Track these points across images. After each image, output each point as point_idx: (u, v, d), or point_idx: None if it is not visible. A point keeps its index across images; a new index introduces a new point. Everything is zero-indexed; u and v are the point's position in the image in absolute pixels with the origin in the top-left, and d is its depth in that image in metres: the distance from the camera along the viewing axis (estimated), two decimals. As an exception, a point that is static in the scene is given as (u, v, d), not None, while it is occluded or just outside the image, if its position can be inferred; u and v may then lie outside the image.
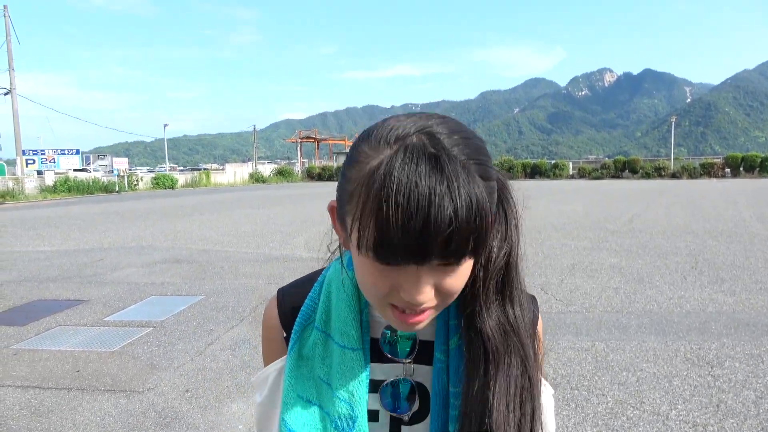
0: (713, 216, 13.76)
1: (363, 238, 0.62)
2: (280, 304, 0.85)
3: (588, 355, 4.32)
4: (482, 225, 0.61)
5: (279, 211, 17.85)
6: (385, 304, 0.67)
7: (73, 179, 33.87)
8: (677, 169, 41.66)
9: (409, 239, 0.59)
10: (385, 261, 0.62)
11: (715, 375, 3.87)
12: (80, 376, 4.14)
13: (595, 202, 19.26)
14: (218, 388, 3.88)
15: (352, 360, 0.76)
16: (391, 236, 0.59)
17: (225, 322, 5.42)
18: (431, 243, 0.59)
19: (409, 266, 0.62)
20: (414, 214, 0.58)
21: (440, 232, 0.58)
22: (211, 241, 10.97)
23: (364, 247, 0.62)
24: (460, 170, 0.60)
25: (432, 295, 0.65)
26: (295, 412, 0.76)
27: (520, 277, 0.75)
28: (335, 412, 0.75)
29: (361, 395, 0.76)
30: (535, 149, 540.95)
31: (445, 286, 0.65)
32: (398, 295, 0.65)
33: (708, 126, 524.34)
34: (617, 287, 6.51)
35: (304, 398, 0.77)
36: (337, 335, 0.77)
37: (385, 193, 0.59)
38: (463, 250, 0.61)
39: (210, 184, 43.22)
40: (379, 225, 0.59)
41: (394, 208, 0.58)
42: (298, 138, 60.92)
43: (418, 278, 0.63)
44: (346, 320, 0.77)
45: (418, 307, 0.64)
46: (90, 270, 8.24)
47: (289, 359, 0.79)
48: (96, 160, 66.25)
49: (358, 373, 0.76)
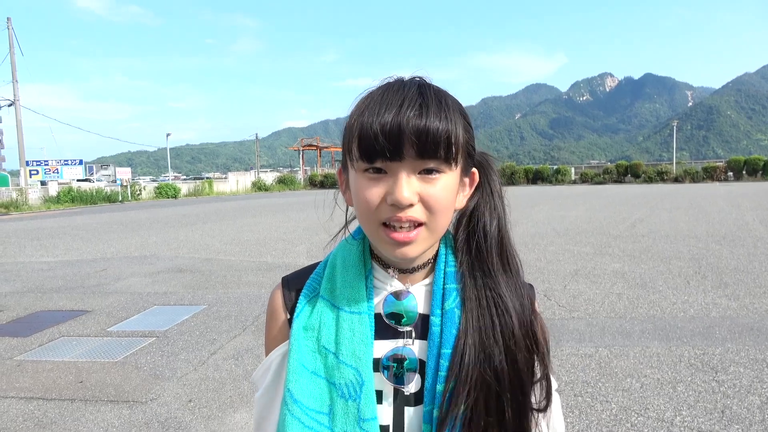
0: (716, 220, 13.73)
1: (352, 146, 0.74)
2: (285, 288, 0.89)
3: (592, 362, 4.30)
4: (455, 135, 0.73)
5: (281, 219, 17.87)
6: (378, 224, 0.75)
7: (77, 189, 33.97)
8: (680, 173, 41.58)
9: (383, 131, 0.70)
10: (368, 157, 0.72)
11: (719, 380, 3.85)
12: (83, 386, 4.14)
13: (597, 207, 19.22)
14: (221, 398, 3.87)
15: (358, 324, 0.79)
16: (370, 130, 0.71)
17: (228, 331, 5.42)
18: (404, 135, 0.70)
19: (391, 166, 0.72)
20: (388, 110, 0.71)
21: (412, 125, 0.70)
22: (214, 250, 10.98)
23: (355, 157, 0.74)
24: (435, 90, 0.75)
25: (415, 199, 0.73)
26: (301, 384, 0.78)
27: (512, 243, 0.86)
28: (341, 380, 0.77)
29: (367, 358, 0.78)
30: (537, 155, 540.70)
31: (426, 193, 0.73)
32: (388, 207, 0.73)
33: (710, 130, 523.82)
34: (620, 293, 6.49)
35: (310, 370, 0.78)
36: (344, 302, 0.80)
37: (366, 104, 0.74)
38: (434, 151, 0.71)
39: (212, 193, 43.31)
40: (361, 127, 0.72)
41: (371, 111, 0.72)
42: (300, 146, 61.05)
43: (400, 178, 0.72)
44: (352, 285, 0.81)
45: (402, 206, 0.72)
46: (93, 280, 8.26)
47: (293, 331, 0.81)
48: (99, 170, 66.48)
49: (365, 337, 0.78)
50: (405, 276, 0.83)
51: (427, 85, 0.76)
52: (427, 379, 0.78)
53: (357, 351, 0.78)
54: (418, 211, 0.73)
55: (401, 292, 0.82)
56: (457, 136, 0.73)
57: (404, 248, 0.75)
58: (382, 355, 0.80)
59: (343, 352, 0.78)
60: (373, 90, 0.77)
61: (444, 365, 0.77)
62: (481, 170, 0.86)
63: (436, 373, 0.77)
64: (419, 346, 0.81)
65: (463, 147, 0.76)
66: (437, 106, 0.72)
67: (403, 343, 0.81)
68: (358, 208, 0.77)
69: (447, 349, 0.78)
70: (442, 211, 0.75)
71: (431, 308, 0.81)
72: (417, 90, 0.74)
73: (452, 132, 0.72)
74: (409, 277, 0.84)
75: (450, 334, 0.78)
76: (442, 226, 0.77)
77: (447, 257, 0.84)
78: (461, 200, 0.83)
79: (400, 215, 0.73)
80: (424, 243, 0.77)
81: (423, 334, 0.81)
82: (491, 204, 0.85)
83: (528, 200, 23.88)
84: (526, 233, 12.12)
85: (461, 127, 0.75)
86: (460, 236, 0.85)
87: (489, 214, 0.84)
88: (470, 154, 0.81)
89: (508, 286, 0.81)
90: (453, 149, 0.73)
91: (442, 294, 0.81)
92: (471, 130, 0.80)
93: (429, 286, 0.84)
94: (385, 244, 0.76)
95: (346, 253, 0.85)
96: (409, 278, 0.84)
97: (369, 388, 0.76)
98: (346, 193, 0.84)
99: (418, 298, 0.83)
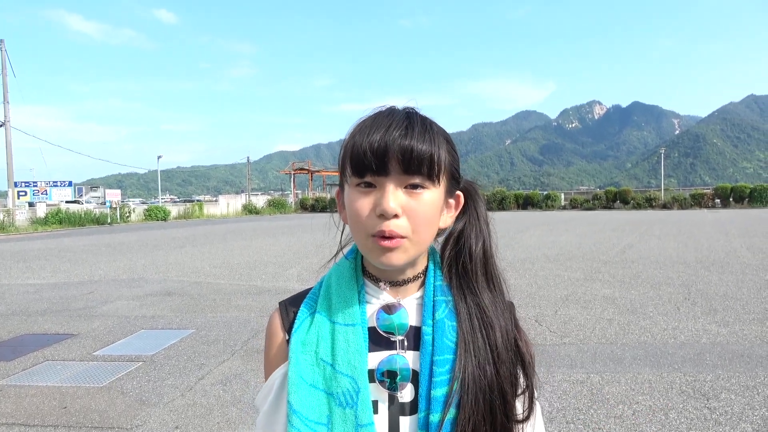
0: (705, 246, 13.84)
1: (346, 163, 0.82)
2: (282, 310, 0.93)
3: (583, 388, 4.28)
4: (437, 155, 0.80)
5: (272, 242, 17.80)
6: (367, 234, 0.80)
7: (65, 211, 33.70)
8: (668, 199, 42.00)
9: (371, 149, 0.78)
10: (358, 172, 0.80)
11: (711, 407, 3.84)
12: (67, 412, 4.05)
13: (587, 232, 19.33)
14: (208, 424, 3.80)
15: (353, 335, 0.84)
16: (360, 149, 0.79)
17: (216, 356, 5.35)
18: (390, 152, 0.78)
19: (380, 180, 0.79)
20: (377, 131, 0.79)
21: (397, 144, 0.78)
22: (203, 273, 10.89)
23: (348, 173, 0.82)
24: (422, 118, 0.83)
25: (399, 210, 0.78)
26: (301, 395, 0.82)
27: (497, 265, 0.92)
28: (339, 389, 0.81)
29: (362, 367, 0.82)
30: (527, 180, 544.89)
31: (411, 207, 0.79)
32: (376, 219, 0.79)
33: (697, 157, 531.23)
34: (611, 318, 6.50)
35: (309, 382, 0.83)
36: (339, 316, 0.85)
37: (358, 129, 0.82)
38: (418, 167, 0.78)
39: (203, 216, 43.12)
40: (352, 147, 0.80)
41: (362, 133, 0.80)
42: (292, 169, 61.15)
43: (387, 190, 0.78)
44: (346, 300, 0.86)
45: (388, 215, 0.78)
46: (80, 303, 8.14)
47: (292, 346, 0.86)
48: (88, 192, 66.11)
49: (359, 347, 0.83)
50: (396, 290, 0.88)
51: (414, 113, 0.84)
52: (421, 386, 0.82)
53: (353, 360, 0.82)
54: (403, 223, 0.79)
55: (393, 305, 0.87)
56: (439, 156, 0.80)
57: (389, 254, 0.80)
58: (376, 366, 0.84)
59: (340, 363, 0.82)
60: (366, 116, 0.84)
61: (437, 372, 0.82)
62: (468, 196, 0.93)
63: (430, 380, 0.82)
64: (412, 357, 0.85)
65: (447, 168, 0.83)
66: (422, 129, 0.80)
67: (397, 353, 0.85)
68: (350, 220, 0.83)
69: (439, 356, 0.82)
70: (424, 224, 0.81)
71: (423, 319, 0.86)
72: (404, 116, 0.82)
73: (435, 152, 0.80)
74: (400, 291, 0.89)
75: (441, 342, 0.83)
76: (424, 239, 0.83)
77: (436, 272, 0.90)
78: (446, 219, 0.89)
79: (384, 228, 0.78)
80: (407, 253, 0.81)
81: (415, 345, 0.86)
82: (477, 227, 0.91)
83: (518, 225, 23.96)
84: (517, 258, 12.14)
85: (444, 149, 0.82)
86: (447, 254, 0.91)
87: (475, 237, 0.90)
88: (455, 176, 0.87)
89: (492, 303, 0.88)
90: (436, 167, 0.80)
91: (433, 305, 0.86)
92: (456, 155, 0.87)
93: (420, 299, 0.89)
94: (373, 251, 0.81)
95: (340, 271, 0.90)
96: (400, 292, 0.89)
97: (365, 395, 0.81)
98: (342, 212, 0.89)
99: (409, 311, 0.87)
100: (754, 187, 40.14)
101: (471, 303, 0.87)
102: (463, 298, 0.87)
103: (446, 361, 0.82)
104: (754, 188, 40.00)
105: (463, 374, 0.81)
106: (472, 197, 0.93)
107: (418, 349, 0.85)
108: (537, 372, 0.91)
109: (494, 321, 0.85)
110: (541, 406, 0.87)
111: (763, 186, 40.15)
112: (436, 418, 0.80)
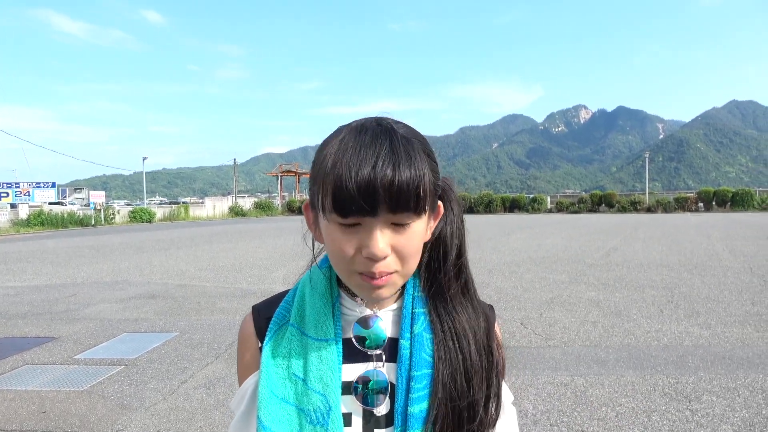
0: (688, 249, 14.00)
1: (326, 199, 0.73)
2: (255, 316, 0.90)
3: (567, 390, 4.29)
4: (423, 187, 0.73)
5: (258, 245, 17.70)
6: (352, 271, 0.76)
7: (48, 213, 33.25)
8: (652, 203, 42.48)
9: (359, 190, 0.70)
10: (343, 213, 0.72)
11: (693, 409, 3.87)
12: (46, 417, 3.98)
13: (572, 235, 19.47)
14: (191, 429, 3.75)
15: (326, 351, 0.81)
16: (345, 189, 0.70)
17: (200, 359, 5.30)
18: (378, 194, 0.70)
19: (365, 220, 0.72)
20: (363, 168, 0.70)
21: (385, 184, 0.70)
22: (188, 276, 10.80)
23: (328, 210, 0.74)
24: (404, 141, 0.74)
25: (388, 251, 0.74)
26: (270, 410, 0.79)
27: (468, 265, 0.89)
28: (309, 406, 0.78)
29: (334, 384, 0.79)
30: (514, 183, 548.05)
31: (399, 244, 0.74)
32: (362, 259, 0.74)
33: (681, 161, 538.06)
34: (595, 321, 6.54)
35: (279, 396, 0.80)
36: (311, 329, 0.82)
37: (339, 156, 0.73)
38: (406, 204, 0.72)
39: (188, 218, 42.79)
40: (335, 182, 0.71)
41: (346, 166, 0.71)
42: (279, 172, 60.93)
43: (374, 232, 0.73)
44: (319, 313, 0.83)
45: (378, 259, 0.73)
46: (61, 306, 8.03)
47: (263, 359, 0.82)
48: (72, 194, 65.32)
49: (332, 364, 0.80)
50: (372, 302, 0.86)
51: (394, 132, 0.75)
52: (398, 401, 0.80)
53: (324, 377, 0.79)
54: (392, 261, 0.75)
55: (369, 317, 0.84)
56: (425, 184, 0.74)
57: (379, 291, 0.77)
58: (352, 379, 0.82)
59: (311, 379, 0.79)
60: (344, 138, 0.75)
61: (415, 387, 0.79)
62: (444, 196, 0.88)
63: (407, 395, 0.79)
64: (388, 369, 0.83)
65: (431, 191, 0.77)
66: (407, 158, 0.73)
67: (374, 366, 0.82)
68: (332, 256, 0.78)
69: (417, 372, 0.80)
70: (412, 256, 0.77)
71: (400, 332, 0.83)
72: (388, 144, 0.73)
73: (420, 183, 0.73)
74: (377, 303, 0.85)
75: (419, 357, 0.81)
76: (411, 269, 0.79)
77: (415, 282, 0.86)
78: (428, 234, 0.83)
79: (374, 270, 0.74)
80: (395, 286, 0.79)
81: (392, 357, 0.83)
82: (454, 227, 0.87)
83: (505, 228, 24.08)
84: (503, 261, 12.19)
85: (428, 170, 0.75)
86: (424, 261, 0.86)
87: (451, 237, 0.87)
88: (436, 192, 0.81)
89: (464, 310, 0.85)
90: (422, 201, 0.74)
91: (411, 318, 0.83)
92: (436, 166, 0.80)
93: (397, 311, 0.86)
94: (361, 289, 0.78)
95: (314, 281, 0.87)
96: (376, 303, 0.85)
97: (336, 414, 0.78)
98: (315, 231, 0.84)
99: (386, 322, 0.85)
100: (736, 191, 40.74)
101: (443, 311, 0.84)
102: (436, 306, 0.84)
103: (424, 377, 0.80)
104: (736, 192, 40.60)
105: (437, 392, 0.79)
106: (447, 195, 0.88)
107: (395, 361, 0.82)
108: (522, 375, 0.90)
109: (468, 330, 0.83)
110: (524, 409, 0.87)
111: (745, 190, 40.78)
112: None
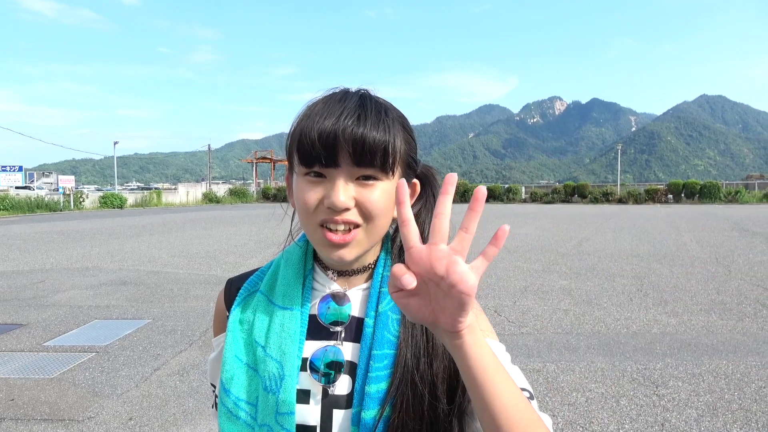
0: (657, 240, 14.32)
1: (294, 149, 0.77)
2: (227, 287, 0.94)
3: (539, 377, 4.38)
4: (392, 147, 0.75)
5: (233, 231, 17.53)
6: (317, 224, 0.77)
7: (14, 197, 32.39)
8: (624, 194, 43.23)
9: (320, 139, 0.72)
10: (306, 163, 0.75)
11: (660, 394, 3.99)
12: (15, 405, 3.90)
13: (546, 225, 19.73)
14: (164, 415, 3.73)
15: (289, 320, 0.81)
16: (308, 138, 0.73)
17: (173, 346, 5.24)
18: (339, 144, 0.73)
19: (329, 171, 0.75)
20: (327, 119, 0.73)
21: (347, 135, 0.72)
22: (161, 263, 10.65)
23: (296, 163, 0.77)
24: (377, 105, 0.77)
25: (351, 203, 0.75)
26: (231, 372, 0.81)
27: None
28: (266, 373, 0.79)
29: (292, 354, 0.79)
30: (490, 173, 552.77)
31: (363, 198, 0.75)
32: (324, 209, 0.75)
33: (652, 154, 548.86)
34: (567, 309, 6.66)
35: (241, 360, 0.82)
36: (279, 298, 0.83)
37: (308, 112, 0.77)
38: (370, 160, 0.74)
39: (161, 204, 42.11)
40: (300, 133, 0.75)
41: (312, 119, 0.74)
42: (254, 158, 60.29)
43: (337, 183, 0.74)
44: (290, 283, 0.84)
45: (338, 209, 0.74)
46: (30, 292, 7.85)
47: (229, 323, 0.85)
48: (40, 178, 63.65)
49: (293, 333, 0.80)
50: (345, 279, 0.86)
51: (369, 96, 0.78)
52: (357, 380, 0.79)
53: (283, 346, 0.79)
54: (354, 214, 0.76)
55: (337, 294, 0.84)
56: (394, 146, 0.75)
57: (340, 251, 0.77)
58: (310, 355, 0.81)
59: (271, 346, 0.80)
60: (318, 99, 0.79)
61: (374, 366, 0.78)
62: (425, 181, 0.89)
63: (366, 374, 0.78)
64: (352, 349, 0.81)
65: (402, 157, 0.78)
66: (376, 117, 0.75)
67: (334, 344, 0.82)
68: (298, 210, 0.80)
69: (378, 351, 0.78)
70: (378, 216, 0.77)
71: (366, 310, 0.82)
72: (358, 101, 0.76)
73: (389, 142, 0.74)
74: (349, 281, 0.86)
75: (382, 335, 0.79)
76: (378, 230, 0.79)
77: (386, 262, 0.86)
78: None
79: (336, 217, 0.75)
80: (359, 246, 0.79)
81: (357, 337, 0.82)
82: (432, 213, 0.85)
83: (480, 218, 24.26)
84: (477, 250, 12.29)
85: (401, 138, 0.77)
86: (398, 242, 0.87)
87: (429, 223, 0.86)
88: (410, 165, 0.82)
89: None
90: (390, 159, 0.75)
91: (378, 296, 0.82)
92: (413, 142, 0.82)
93: (367, 291, 0.86)
94: (323, 245, 0.78)
95: (289, 254, 0.88)
96: (348, 281, 0.86)
97: (289, 384, 0.77)
98: (292, 198, 0.85)
99: (354, 302, 0.85)
100: (704, 184, 41.71)
101: None
102: None
103: (385, 356, 0.78)
104: (704, 185, 41.56)
105: (399, 372, 0.77)
106: (429, 182, 0.89)
107: (359, 341, 0.81)
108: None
109: None
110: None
111: (713, 183, 41.75)
112: (368, 415, 0.76)
